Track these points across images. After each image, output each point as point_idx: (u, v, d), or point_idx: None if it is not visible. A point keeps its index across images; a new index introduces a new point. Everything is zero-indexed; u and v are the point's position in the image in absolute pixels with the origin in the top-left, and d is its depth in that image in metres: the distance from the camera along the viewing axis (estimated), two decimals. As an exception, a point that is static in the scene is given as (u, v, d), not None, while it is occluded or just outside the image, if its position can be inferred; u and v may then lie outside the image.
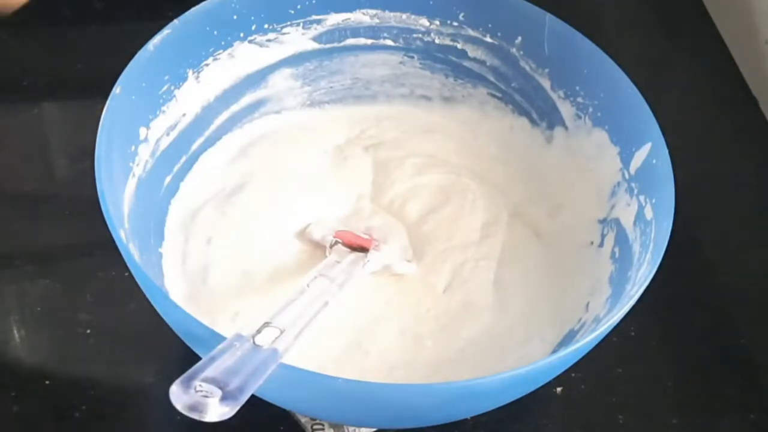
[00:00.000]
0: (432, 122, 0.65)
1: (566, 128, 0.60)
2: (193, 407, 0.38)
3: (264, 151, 0.62)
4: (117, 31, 0.72)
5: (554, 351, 0.54)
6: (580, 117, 0.59)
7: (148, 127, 0.55)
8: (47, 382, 0.55)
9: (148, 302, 0.46)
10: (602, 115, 0.58)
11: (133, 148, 0.53)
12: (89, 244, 0.60)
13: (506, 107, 0.63)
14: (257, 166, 0.61)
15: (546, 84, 0.61)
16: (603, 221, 0.57)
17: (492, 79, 0.63)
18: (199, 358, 0.41)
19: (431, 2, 0.61)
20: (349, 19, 0.61)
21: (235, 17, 0.58)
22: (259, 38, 0.60)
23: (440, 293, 0.57)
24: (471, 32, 0.61)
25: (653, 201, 0.53)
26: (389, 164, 0.62)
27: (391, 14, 0.61)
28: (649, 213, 0.53)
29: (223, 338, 0.43)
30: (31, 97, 0.68)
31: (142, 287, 0.46)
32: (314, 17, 0.61)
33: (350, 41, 0.63)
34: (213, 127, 0.61)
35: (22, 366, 0.56)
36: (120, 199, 0.50)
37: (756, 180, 0.71)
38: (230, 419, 0.39)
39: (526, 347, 0.54)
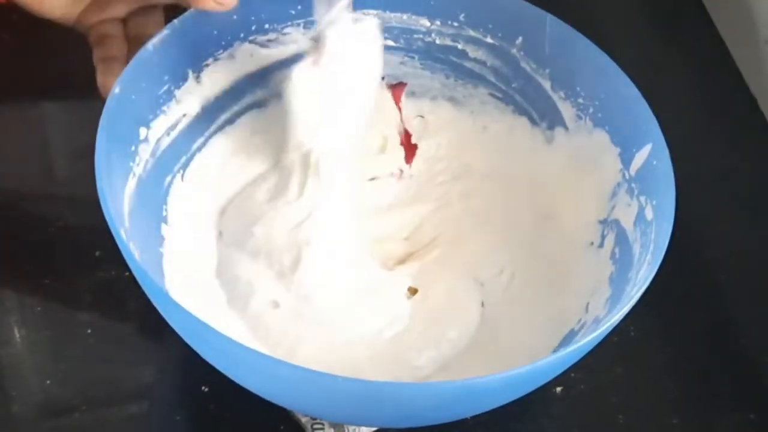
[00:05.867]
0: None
1: (567, 129, 0.60)
2: None
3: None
4: (117, 31, 0.71)
5: (554, 351, 0.54)
6: (580, 117, 0.59)
7: (148, 127, 0.55)
8: (47, 382, 0.55)
9: (149, 302, 0.46)
10: (603, 116, 0.58)
11: (133, 148, 0.53)
12: (89, 244, 0.60)
13: (507, 107, 0.63)
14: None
15: (546, 84, 0.61)
16: (603, 222, 0.57)
17: (492, 79, 0.63)
18: (200, 358, 0.41)
19: (432, 3, 0.61)
20: (350, 19, 0.61)
21: (235, 17, 0.58)
22: (259, 38, 0.60)
23: (439, 293, 0.57)
24: (471, 33, 0.61)
25: (654, 202, 0.52)
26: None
27: (392, 15, 0.61)
28: (649, 214, 0.52)
29: (223, 338, 0.42)
30: (31, 97, 0.68)
31: (142, 287, 0.46)
32: (315, 17, 0.61)
33: (351, 41, 0.62)
34: (213, 127, 0.61)
35: (22, 366, 0.56)
36: (120, 198, 0.50)
37: (755, 180, 0.71)
38: (230, 419, 0.39)
39: (527, 347, 0.54)
